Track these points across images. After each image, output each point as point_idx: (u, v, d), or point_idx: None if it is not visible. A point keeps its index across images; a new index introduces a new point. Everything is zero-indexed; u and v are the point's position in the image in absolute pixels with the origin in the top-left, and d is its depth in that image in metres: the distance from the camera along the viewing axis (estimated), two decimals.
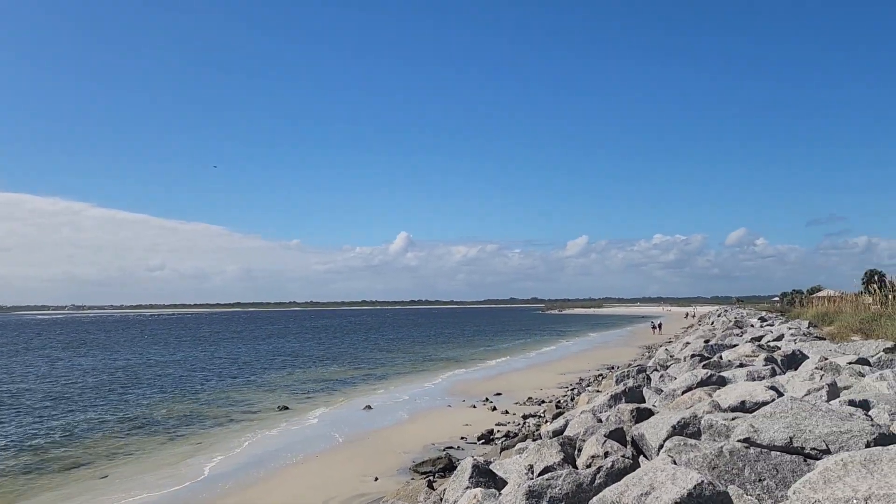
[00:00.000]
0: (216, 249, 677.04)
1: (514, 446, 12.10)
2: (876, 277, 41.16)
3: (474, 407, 19.73)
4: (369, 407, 20.43)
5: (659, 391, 11.19)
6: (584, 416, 9.43)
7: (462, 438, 15.14)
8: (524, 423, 16.53)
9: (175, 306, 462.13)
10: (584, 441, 7.52)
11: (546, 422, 14.91)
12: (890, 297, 25.10)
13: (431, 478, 11.54)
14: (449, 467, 11.95)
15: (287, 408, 20.83)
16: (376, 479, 12.09)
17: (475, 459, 7.58)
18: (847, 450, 4.58)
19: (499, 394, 22.12)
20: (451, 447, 14.20)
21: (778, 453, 5.03)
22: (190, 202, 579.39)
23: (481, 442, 14.73)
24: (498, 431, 15.56)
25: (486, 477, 7.32)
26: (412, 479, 11.69)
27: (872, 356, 12.37)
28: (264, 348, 50.76)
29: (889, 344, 14.36)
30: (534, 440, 11.45)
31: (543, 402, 20.00)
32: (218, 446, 15.69)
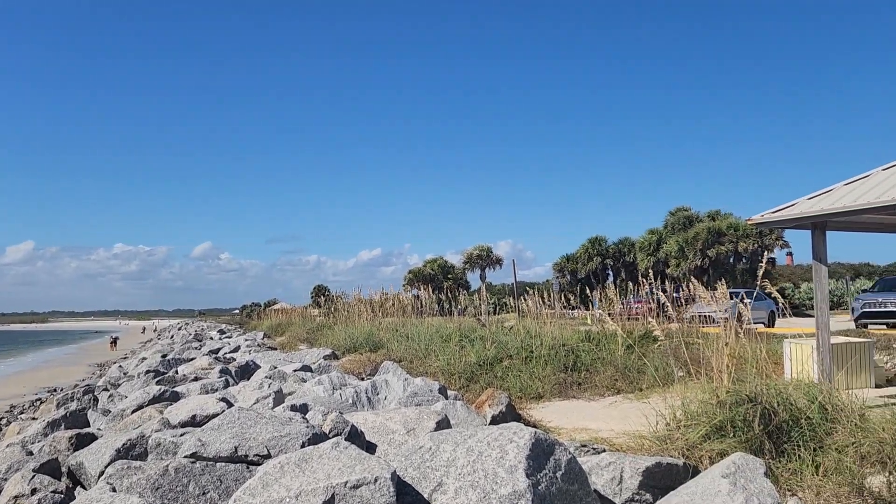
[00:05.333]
0: None
1: None
2: (322, 292, 46.95)
3: None
4: None
5: (107, 412, 10.33)
6: (10, 450, 8.00)
7: None
8: None
9: None
10: (6, 480, 6.34)
11: None
12: (332, 309, 28.83)
13: None
14: None
15: None
16: None
17: None
18: (286, 452, 4.85)
19: None
20: None
21: (223, 464, 5.05)
22: None
23: None
24: None
25: None
26: None
27: (314, 363, 13.88)
28: None
29: (328, 351, 16.37)
30: None
31: None
32: None
